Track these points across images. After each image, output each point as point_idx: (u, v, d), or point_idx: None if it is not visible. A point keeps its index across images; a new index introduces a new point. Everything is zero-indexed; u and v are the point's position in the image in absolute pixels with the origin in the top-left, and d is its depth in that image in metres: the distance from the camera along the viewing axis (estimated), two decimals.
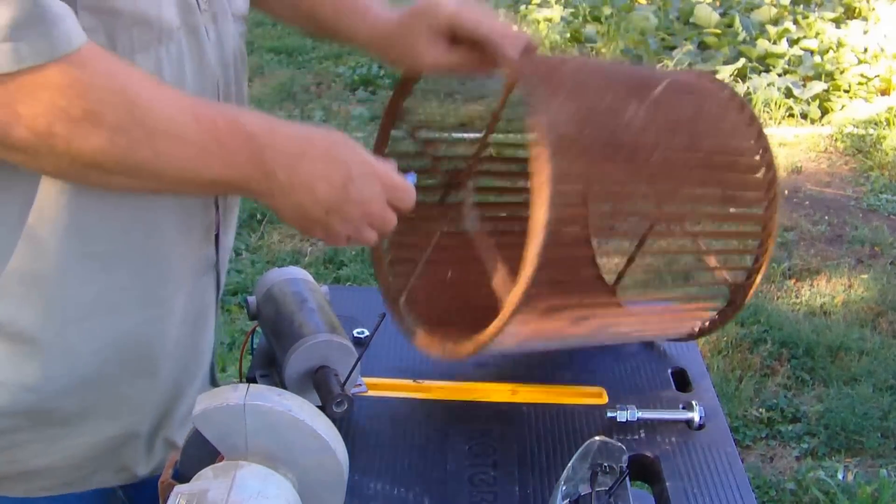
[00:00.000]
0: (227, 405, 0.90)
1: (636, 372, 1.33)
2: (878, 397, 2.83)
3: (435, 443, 1.19)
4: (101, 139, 0.84)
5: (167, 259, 1.03)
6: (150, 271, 1.02)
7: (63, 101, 0.81)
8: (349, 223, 1.00)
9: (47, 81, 0.80)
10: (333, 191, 0.96)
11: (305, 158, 0.94)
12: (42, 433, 1.02)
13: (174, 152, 0.88)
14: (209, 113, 0.90)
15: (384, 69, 5.49)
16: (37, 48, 0.79)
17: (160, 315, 1.05)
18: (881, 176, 4.24)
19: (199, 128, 0.88)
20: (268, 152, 0.91)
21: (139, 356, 1.05)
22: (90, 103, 0.83)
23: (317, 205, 0.96)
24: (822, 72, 5.02)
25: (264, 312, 1.26)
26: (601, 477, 1.01)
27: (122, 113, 0.84)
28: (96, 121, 0.83)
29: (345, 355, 1.16)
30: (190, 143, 0.88)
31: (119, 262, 0.99)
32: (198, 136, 0.88)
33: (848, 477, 2.52)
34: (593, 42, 5.69)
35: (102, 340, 1.01)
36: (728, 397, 2.81)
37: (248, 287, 3.28)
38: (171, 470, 0.96)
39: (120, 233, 0.98)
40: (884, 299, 3.33)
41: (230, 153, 0.90)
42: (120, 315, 1.01)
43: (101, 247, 0.97)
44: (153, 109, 0.86)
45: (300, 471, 0.92)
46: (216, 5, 1.03)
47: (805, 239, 3.77)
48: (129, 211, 0.97)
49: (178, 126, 0.87)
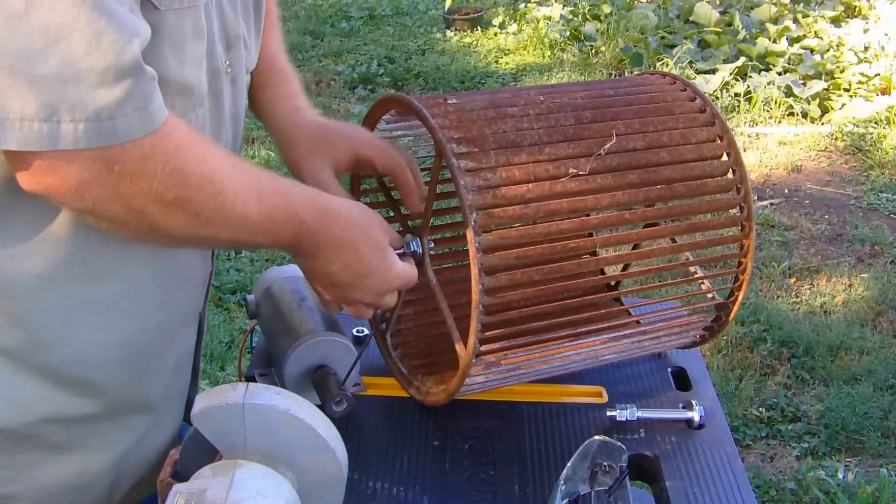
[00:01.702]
0: (226, 404, 0.89)
1: (636, 371, 1.33)
2: (878, 396, 2.83)
3: (434, 442, 1.19)
4: (185, 220, 0.89)
5: (164, 308, 1.05)
6: (147, 319, 1.03)
7: (161, 188, 0.85)
8: (344, 298, 1.07)
9: (144, 157, 0.84)
10: (346, 275, 1.03)
11: (335, 244, 1.01)
12: (14, 458, 1.01)
13: (239, 229, 0.94)
14: (273, 197, 0.96)
15: (383, 68, 5.49)
16: (135, 123, 0.82)
17: (151, 364, 1.07)
18: (881, 175, 4.24)
19: (262, 210, 0.94)
20: (308, 233, 0.99)
21: (128, 399, 1.05)
22: (184, 189, 0.87)
23: (324, 276, 1.05)
24: (823, 70, 5.02)
25: (263, 311, 1.25)
26: (601, 476, 1.01)
27: (209, 200, 0.89)
28: (185, 205, 0.88)
29: (344, 354, 1.16)
30: (251, 223, 0.94)
31: (125, 305, 1.00)
32: (260, 218, 0.94)
33: (848, 476, 2.52)
34: (593, 41, 5.68)
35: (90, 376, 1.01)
36: (728, 397, 2.80)
37: (248, 285, 3.28)
38: (169, 469, 0.95)
39: (125, 280, 0.99)
40: (884, 298, 3.33)
41: (280, 231, 0.97)
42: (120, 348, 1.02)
43: (110, 290, 0.98)
44: (231, 195, 0.91)
45: (299, 470, 0.92)
46: (237, 68, 1.06)
47: (805, 238, 3.77)
48: (136, 259, 0.99)
49: (247, 209, 0.93)
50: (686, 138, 1.17)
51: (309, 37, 6.06)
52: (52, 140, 0.79)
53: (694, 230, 1.20)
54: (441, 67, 5.48)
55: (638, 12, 5.82)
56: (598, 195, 1.10)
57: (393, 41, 6.02)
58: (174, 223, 0.89)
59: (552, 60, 5.61)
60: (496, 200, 1.04)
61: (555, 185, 1.08)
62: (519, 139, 1.09)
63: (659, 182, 1.14)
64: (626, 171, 1.12)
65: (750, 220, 1.20)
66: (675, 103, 1.21)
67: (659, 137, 1.16)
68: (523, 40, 5.90)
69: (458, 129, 1.07)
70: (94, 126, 0.80)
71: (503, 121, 1.10)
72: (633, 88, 1.23)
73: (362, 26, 6.36)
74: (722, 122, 1.20)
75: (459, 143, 1.06)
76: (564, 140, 1.11)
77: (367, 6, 6.70)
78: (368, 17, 6.52)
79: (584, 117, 1.14)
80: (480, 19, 6.21)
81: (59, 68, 0.78)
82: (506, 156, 1.07)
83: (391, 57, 5.69)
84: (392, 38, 6.11)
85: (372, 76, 5.36)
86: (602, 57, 5.54)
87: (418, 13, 6.64)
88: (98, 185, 0.83)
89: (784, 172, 4.28)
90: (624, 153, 1.13)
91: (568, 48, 5.72)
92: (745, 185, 1.19)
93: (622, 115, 1.16)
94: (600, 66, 5.44)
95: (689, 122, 1.19)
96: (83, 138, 0.80)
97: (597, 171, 1.10)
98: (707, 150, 1.18)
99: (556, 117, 1.13)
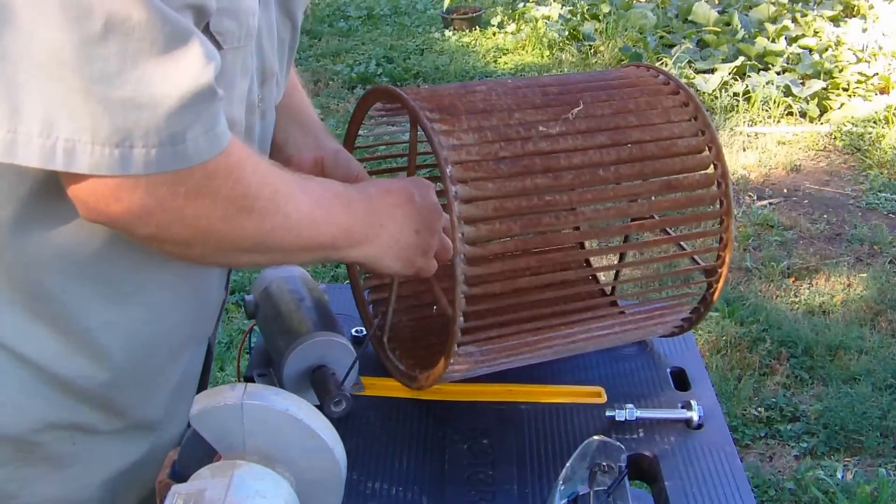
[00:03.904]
0: (225, 404, 0.89)
1: (635, 371, 1.33)
2: (877, 396, 2.83)
3: (433, 442, 1.18)
4: (252, 227, 0.89)
5: (177, 330, 1.05)
6: (161, 342, 1.03)
7: (225, 203, 0.86)
8: (426, 249, 1.08)
9: (209, 179, 0.84)
10: (409, 220, 1.05)
11: (391, 204, 1.04)
12: (19, 471, 1.00)
13: (301, 225, 0.94)
14: (314, 186, 0.98)
15: (381, 67, 5.49)
16: (204, 145, 0.82)
17: (159, 384, 1.06)
18: (880, 174, 4.24)
19: (310, 201, 0.95)
20: (362, 205, 1.01)
21: (133, 416, 1.05)
22: (247, 199, 0.87)
23: (402, 241, 1.05)
24: (821, 70, 5.02)
25: (262, 311, 1.25)
26: (600, 476, 1.01)
27: (269, 202, 0.90)
28: (250, 212, 0.88)
29: (343, 354, 1.16)
30: (308, 217, 0.94)
31: (143, 327, 1.00)
32: (311, 208, 0.95)
33: (847, 476, 2.52)
34: (591, 40, 5.69)
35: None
36: (727, 396, 2.80)
37: (246, 286, 3.27)
38: (168, 469, 0.95)
39: (146, 304, 0.99)
40: (883, 298, 3.33)
41: (335, 221, 0.98)
42: None
43: (133, 313, 0.98)
44: (284, 193, 0.92)
45: (298, 470, 0.92)
46: (268, 102, 1.07)
47: (804, 237, 3.77)
48: (159, 282, 0.99)
49: (299, 204, 0.93)
50: (652, 105, 1.22)
51: (307, 36, 6.05)
52: (123, 165, 0.78)
53: (670, 189, 1.22)
54: (440, 67, 5.48)
55: (636, 12, 5.82)
56: (570, 153, 1.14)
57: (391, 41, 6.02)
58: (244, 233, 0.89)
59: (551, 60, 5.61)
60: (470, 157, 1.09)
61: (526, 144, 1.13)
62: (488, 108, 1.15)
63: (629, 142, 1.18)
64: (595, 133, 1.17)
65: (725, 177, 1.22)
66: (639, 79, 1.26)
67: (625, 104, 1.21)
68: (522, 40, 5.89)
69: (430, 101, 1.13)
70: (167, 150, 0.79)
71: (472, 94, 1.17)
72: (600, 73, 1.30)
73: (360, 26, 6.36)
74: (687, 91, 1.24)
75: (433, 112, 1.11)
76: (533, 108, 1.16)
77: (365, 5, 6.70)
78: (367, 16, 6.52)
79: (550, 91, 1.20)
80: (479, 19, 6.21)
81: (134, 93, 0.77)
82: (477, 120, 1.12)
83: (389, 56, 5.69)
84: (390, 37, 6.11)
85: (370, 76, 5.36)
86: (601, 57, 5.54)
87: (417, 13, 6.64)
88: (162, 210, 0.83)
89: (783, 172, 4.28)
90: (592, 118, 1.18)
91: (566, 48, 5.72)
92: (716, 144, 1.21)
93: (588, 88, 1.21)
94: (599, 66, 5.43)
95: (655, 92, 1.24)
96: (154, 163, 0.79)
97: (567, 133, 1.15)
98: (674, 113, 1.22)
99: (524, 91, 1.19)
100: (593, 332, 1.23)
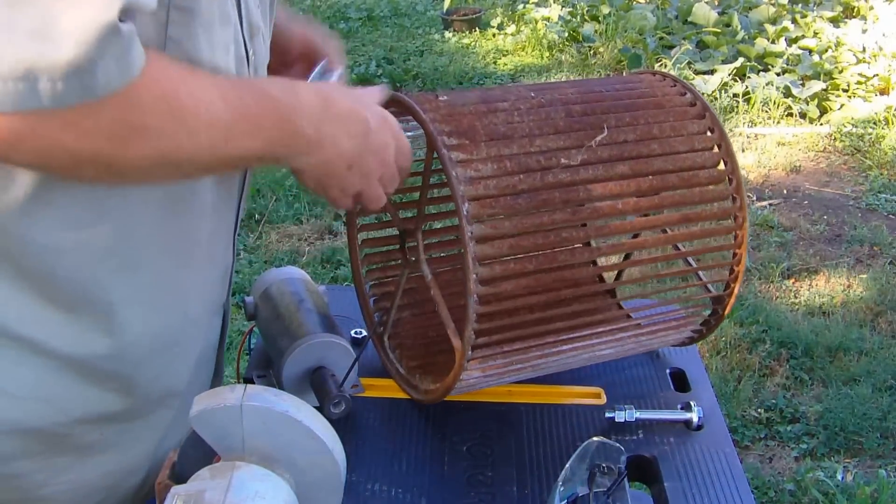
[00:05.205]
0: (225, 406, 0.89)
1: (634, 372, 1.33)
2: (877, 397, 2.83)
3: (432, 443, 1.18)
4: (148, 149, 0.83)
5: (190, 297, 1.06)
6: (176, 309, 1.04)
7: (108, 124, 0.79)
8: (367, 176, 1.03)
9: (89, 107, 0.78)
10: (355, 142, 0.99)
11: (328, 114, 0.96)
12: (50, 461, 1.01)
13: (215, 138, 0.87)
14: (236, 91, 0.90)
15: (382, 69, 5.49)
16: (114, 77, 0.76)
17: (177, 356, 1.07)
18: (880, 175, 4.24)
19: (228, 107, 0.87)
20: (294, 113, 0.93)
21: (156, 393, 1.06)
22: (136, 117, 0.81)
23: (340, 158, 0.99)
24: (821, 71, 5.02)
25: (262, 313, 1.25)
26: (599, 478, 1.00)
27: (167, 120, 0.83)
28: (141, 134, 0.82)
29: (342, 356, 1.16)
30: (225, 126, 0.87)
31: (156, 295, 1.00)
32: (231, 116, 0.87)
33: (847, 477, 2.52)
34: (591, 41, 5.69)
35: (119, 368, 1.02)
36: (727, 398, 2.80)
37: (246, 287, 3.28)
38: (168, 470, 0.95)
39: (154, 271, 0.99)
40: (883, 299, 3.33)
41: (257, 122, 0.90)
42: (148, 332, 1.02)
43: (142, 280, 0.98)
44: (192, 107, 0.85)
45: (297, 471, 0.92)
46: (260, 57, 1.06)
47: (804, 238, 3.77)
48: (160, 248, 0.98)
49: (214, 113, 0.86)
50: (677, 130, 1.18)
51: None
52: (30, 99, 0.74)
53: (687, 220, 1.21)
54: (439, 68, 5.48)
55: (636, 13, 5.82)
56: (590, 185, 1.11)
57: (391, 42, 6.02)
58: (135, 156, 0.82)
59: (550, 61, 5.62)
60: (488, 191, 1.05)
61: (546, 176, 1.09)
62: (510, 132, 1.10)
63: (650, 173, 1.15)
64: (616, 162, 1.13)
65: (742, 210, 1.20)
66: (665, 97, 1.22)
67: (649, 130, 1.16)
68: (521, 41, 5.90)
69: (448, 121, 1.08)
70: (73, 83, 0.74)
71: (494, 115, 1.11)
72: (623, 85, 1.23)
73: (360, 27, 6.36)
74: (712, 114, 1.21)
75: (450, 136, 1.07)
76: (555, 132, 1.12)
77: (365, 7, 6.70)
78: (367, 17, 6.52)
79: (574, 111, 1.15)
80: (479, 20, 6.21)
81: (39, 25, 0.72)
82: (497, 147, 1.08)
83: (389, 58, 5.69)
84: (390, 38, 6.11)
85: (370, 77, 5.36)
86: (600, 58, 5.54)
87: (416, 14, 6.64)
88: (36, 137, 0.77)
89: (783, 173, 4.28)
90: (615, 145, 1.14)
91: (566, 49, 5.72)
92: (736, 175, 1.20)
93: (612, 109, 1.17)
94: (599, 67, 5.44)
95: (680, 116, 1.20)
96: (61, 96, 0.74)
97: (588, 162, 1.11)
98: (698, 141, 1.19)
99: (547, 111, 1.14)
100: (608, 342, 1.23)
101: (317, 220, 3.80)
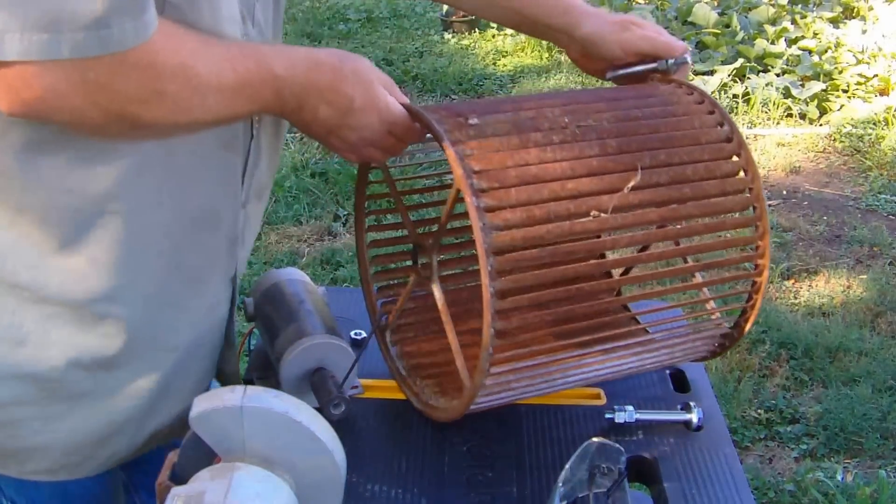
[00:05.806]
0: (225, 407, 0.89)
1: None
2: (877, 398, 2.83)
3: (432, 444, 1.19)
4: (165, 112, 0.93)
5: (186, 250, 1.07)
6: (171, 259, 1.06)
7: (135, 89, 0.89)
8: (349, 144, 1.09)
9: (118, 62, 0.86)
10: (333, 113, 1.05)
11: (314, 88, 1.03)
12: (45, 409, 1.04)
13: (220, 104, 0.97)
14: (244, 61, 0.98)
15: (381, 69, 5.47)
16: (129, 33, 0.85)
17: (174, 308, 1.09)
18: (880, 176, 4.24)
19: (236, 76, 0.96)
20: (286, 86, 1.01)
21: (149, 341, 1.08)
22: (159, 83, 0.90)
23: (317, 124, 1.06)
24: (821, 72, 5.02)
25: (261, 314, 1.25)
26: (599, 478, 1.01)
27: (185, 88, 0.93)
28: (162, 98, 0.91)
29: (342, 357, 1.16)
30: (230, 93, 0.97)
31: (152, 240, 1.04)
32: (236, 84, 0.97)
33: (847, 478, 2.52)
34: None
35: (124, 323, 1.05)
36: (726, 398, 2.80)
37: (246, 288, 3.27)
38: (168, 471, 0.95)
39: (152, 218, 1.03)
40: (883, 299, 3.33)
41: (257, 88, 0.99)
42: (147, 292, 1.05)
43: (139, 225, 1.02)
44: (206, 76, 0.94)
45: (298, 472, 0.92)
46: (261, 20, 1.09)
47: (804, 239, 3.77)
48: (156, 199, 1.02)
49: (223, 81, 0.95)
50: (711, 172, 1.14)
51: (306, 39, 6.05)
52: (52, 49, 0.82)
53: (709, 268, 1.22)
54: (439, 69, 5.48)
55: (636, 13, 5.81)
56: (616, 237, 1.10)
57: (391, 43, 6.02)
58: (154, 116, 0.93)
59: (550, 62, 5.61)
60: (514, 243, 1.01)
61: (574, 226, 1.05)
62: (541, 173, 1.05)
63: (679, 218, 1.13)
64: (646, 208, 1.09)
65: (765, 257, 1.18)
66: (701, 129, 1.17)
67: (683, 171, 1.12)
68: (521, 42, 5.89)
69: (479, 160, 1.04)
70: (92, 35, 0.82)
71: (526, 151, 1.06)
72: (660, 110, 1.18)
73: (360, 28, 6.36)
74: (748, 153, 1.17)
75: (480, 178, 1.02)
76: (588, 175, 1.08)
77: (364, 8, 6.70)
78: (366, 19, 6.52)
79: (609, 147, 1.11)
80: (478, 21, 6.21)
81: None
82: (528, 193, 1.03)
83: (389, 59, 5.69)
84: (390, 40, 6.11)
85: None
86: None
87: (416, 15, 6.64)
88: (74, 95, 0.86)
89: (782, 174, 4.28)
90: (647, 188, 1.10)
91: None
92: (763, 222, 1.16)
93: (647, 144, 1.12)
94: None
95: (714, 154, 1.15)
96: (81, 47, 0.82)
97: (618, 208, 1.07)
98: (730, 185, 1.15)
99: (581, 147, 1.09)
100: (626, 362, 1.22)
101: (316, 221, 3.80)
